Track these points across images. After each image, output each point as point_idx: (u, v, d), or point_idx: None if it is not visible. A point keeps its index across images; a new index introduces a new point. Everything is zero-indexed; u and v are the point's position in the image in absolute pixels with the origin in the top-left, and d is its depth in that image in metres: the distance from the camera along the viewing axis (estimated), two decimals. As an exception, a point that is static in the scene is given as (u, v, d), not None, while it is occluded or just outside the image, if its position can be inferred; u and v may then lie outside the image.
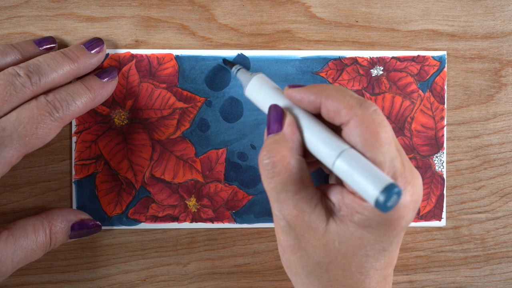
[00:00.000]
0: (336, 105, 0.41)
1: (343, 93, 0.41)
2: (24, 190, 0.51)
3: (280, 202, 0.41)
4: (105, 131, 0.50)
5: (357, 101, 0.41)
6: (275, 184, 0.41)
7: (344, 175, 0.39)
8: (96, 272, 0.51)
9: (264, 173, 0.41)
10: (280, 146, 0.41)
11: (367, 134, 0.40)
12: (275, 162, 0.41)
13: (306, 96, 0.42)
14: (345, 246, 0.41)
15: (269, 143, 0.42)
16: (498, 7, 0.52)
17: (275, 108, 0.43)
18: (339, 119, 0.41)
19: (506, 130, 0.52)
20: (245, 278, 0.52)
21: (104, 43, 0.49)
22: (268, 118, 0.43)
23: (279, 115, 0.43)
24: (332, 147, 0.40)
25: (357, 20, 0.51)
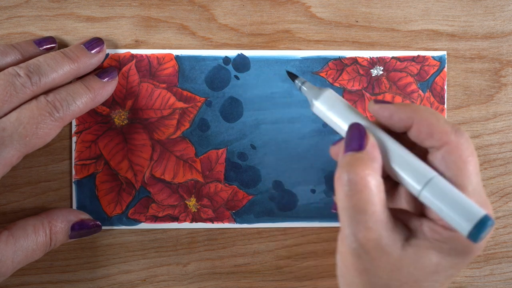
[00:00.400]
0: (431, 128, 0.40)
1: (437, 117, 0.41)
2: (24, 190, 0.51)
3: (356, 223, 0.39)
4: (105, 131, 0.50)
5: (452, 127, 0.40)
6: (355, 203, 0.39)
7: (432, 204, 0.38)
8: (96, 272, 0.51)
9: (343, 190, 0.40)
10: (363, 164, 0.40)
11: (460, 162, 0.39)
12: (357, 180, 0.39)
13: (397, 114, 0.42)
14: (419, 271, 0.40)
15: (350, 160, 0.40)
16: (498, 7, 0.52)
17: (357, 126, 0.42)
18: (430, 142, 0.40)
19: (506, 130, 0.52)
20: (245, 278, 0.52)
21: (104, 43, 0.49)
22: (347, 135, 0.42)
23: (362, 133, 0.41)
24: (419, 174, 0.39)
25: (357, 20, 0.51)
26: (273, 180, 0.51)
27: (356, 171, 0.39)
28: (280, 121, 0.51)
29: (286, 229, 0.52)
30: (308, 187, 0.51)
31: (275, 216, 0.51)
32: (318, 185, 0.51)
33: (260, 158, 0.51)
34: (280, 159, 0.51)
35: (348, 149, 0.41)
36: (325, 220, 0.52)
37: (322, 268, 0.52)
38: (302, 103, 0.51)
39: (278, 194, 0.51)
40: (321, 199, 0.51)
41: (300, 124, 0.51)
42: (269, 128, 0.51)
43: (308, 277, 0.52)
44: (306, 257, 0.52)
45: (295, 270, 0.52)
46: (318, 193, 0.51)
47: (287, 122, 0.51)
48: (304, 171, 0.51)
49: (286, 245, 0.52)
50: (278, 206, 0.51)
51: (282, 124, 0.51)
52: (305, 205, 0.51)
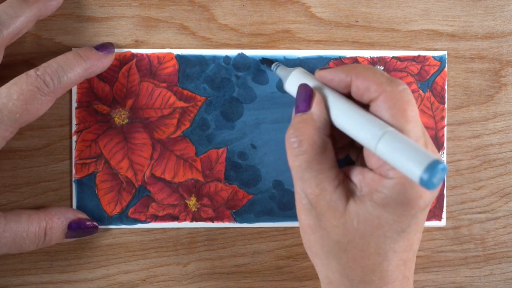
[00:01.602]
0: (366, 82, 0.42)
1: (373, 71, 0.42)
2: (24, 190, 0.50)
3: (304, 180, 0.42)
4: (106, 130, 0.50)
5: (387, 78, 0.41)
6: (300, 162, 0.42)
7: (387, 155, 0.38)
8: (96, 272, 0.51)
9: (290, 150, 0.42)
10: (308, 125, 0.42)
11: (394, 110, 0.40)
12: (301, 140, 0.42)
13: (336, 75, 0.43)
14: (363, 226, 0.41)
15: (297, 121, 0.43)
16: (498, 7, 0.52)
17: (304, 87, 0.44)
18: (368, 96, 0.42)
19: (506, 130, 0.52)
20: (245, 278, 0.52)
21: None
22: (297, 96, 0.44)
23: (308, 94, 0.43)
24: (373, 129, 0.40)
25: (357, 20, 0.51)
26: (273, 179, 0.51)
27: (301, 131, 0.42)
28: (280, 121, 0.51)
29: (286, 229, 0.52)
30: (308, 187, 0.51)
31: (275, 215, 0.51)
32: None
33: (260, 158, 0.51)
34: (280, 158, 0.51)
35: (297, 111, 0.43)
36: (325, 220, 0.52)
37: (322, 268, 0.52)
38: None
39: (278, 194, 0.51)
40: (321, 199, 0.51)
41: (300, 123, 0.51)
42: (269, 128, 0.51)
43: (308, 277, 0.52)
44: (306, 257, 0.52)
45: (295, 270, 0.52)
46: (318, 193, 0.51)
47: (287, 122, 0.51)
48: (304, 170, 0.51)
49: (286, 245, 0.52)
50: (278, 205, 0.51)
51: (282, 124, 0.51)
52: (305, 204, 0.51)
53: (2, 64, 0.48)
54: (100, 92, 0.50)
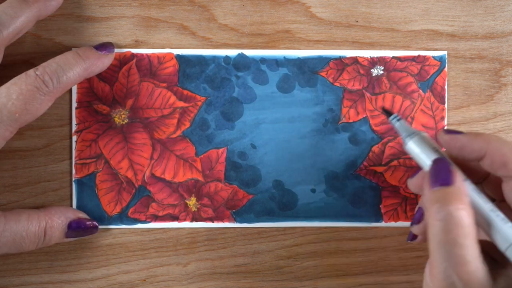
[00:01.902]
0: (504, 159, 0.41)
1: (510, 147, 0.41)
2: (24, 190, 0.50)
3: (455, 257, 0.39)
4: (106, 130, 0.50)
5: None
6: (452, 237, 0.39)
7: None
8: (96, 272, 0.51)
9: (439, 225, 0.39)
10: (457, 199, 0.40)
11: None
12: (452, 214, 0.39)
13: (469, 146, 0.42)
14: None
15: (442, 195, 0.40)
16: (498, 7, 0.52)
17: (443, 161, 0.42)
18: (504, 172, 0.41)
19: (506, 130, 0.52)
20: (245, 278, 0.52)
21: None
22: (433, 169, 0.42)
23: (449, 168, 0.41)
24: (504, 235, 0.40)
25: (357, 20, 0.51)
26: (273, 179, 0.51)
27: (452, 206, 0.39)
28: (280, 121, 0.51)
29: (286, 229, 0.52)
30: (308, 187, 0.51)
31: (275, 215, 0.51)
32: (318, 184, 0.51)
33: (260, 158, 0.51)
34: (280, 158, 0.51)
35: (436, 184, 0.41)
36: (325, 220, 0.52)
37: (322, 268, 0.52)
38: (302, 103, 0.51)
39: (278, 194, 0.51)
40: (321, 199, 0.51)
41: (300, 123, 0.51)
42: (269, 128, 0.51)
43: (308, 277, 0.52)
44: (306, 257, 0.52)
45: (295, 270, 0.52)
46: (318, 193, 0.51)
47: (287, 122, 0.51)
48: (305, 170, 0.51)
49: (286, 245, 0.52)
50: (278, 205, 0.51)
51: (282, 124, 0.51)
52: (305, 204, 0.51)
53: (2, 64, 0.48)
54: (100, 92, 0.50)
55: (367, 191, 0.52)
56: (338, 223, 0.52)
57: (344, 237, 0.52)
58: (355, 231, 0.52)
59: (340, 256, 0.52)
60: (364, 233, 0.52)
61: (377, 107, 0.51)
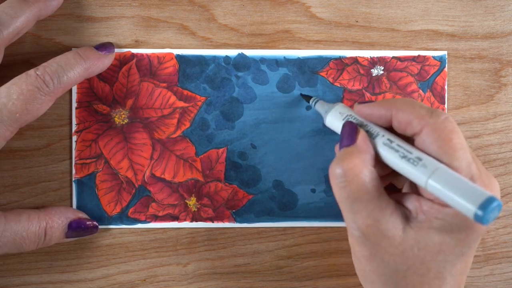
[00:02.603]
0: (407, 116, 0.42)
1: (413, 104, 0.42)
2: (24, 190, 0.50)
3: (354, 212, 0.41)
4: (106, 130, 0.50)
5: (427, 111, 0.41)
6: (348, 193, 0.41)
7: (439, 192, 0.39)
8: (96, 272, 0.51)
9: (336, 182, 0.41)
10: (353, 156, 0.41)
11: (440, 141, 0.40)
12: (347, 171, 0.41)
13: (376, 110, 0.43)
14: (424, 252, 0.41)
15: (342, 154, 0.42)
16: (498, 7, 0.52)
17: (349, 124, 0.44)
18: (411, 129, 0.42)
19: (506, 130, 0.52)
20: (245, 278, 0.52)
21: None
22: (341, 133, 0.44)
23: (353, 130, 0.43)
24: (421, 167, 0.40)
25: (357, 20, 0.51)
26: (273, 179, 0.51)
27: (346, 163, 0.41)
28: (280, 121, 0.51)
29: (286, 229, 0.52)
30: (308, 187, 0.51)
31: (275, 215, 0.51)
32: (318, 184, 0.51)
33: (260, 158, 0.51)
34: (280, 158, 0.51)
35: (341, 146, 0.43)
36: (325, 220, 0.52)
37: (322, 268, 0.52)
38: (302, 103, 0.51)
39: (278, 194, 0.51)
40: (321, 199, 0.51)
41: (300, 123, 0.51)
42: (269, 128, 0.51)
43: (308, 277, 0.52)
44: (306, 257, 0.52)
45: (295, 270, 0.52)
46: (318, 193, 0.51)
47: (287, 122, 0.51)
48: (304, 170, 0.51)
49: (286, 245, 0.52)
50: (278, 205, 0.51)
51: (282, 124, 0.51)
52: (305, 204, 0.51)
53: (2, 64, 0.48)
54: (100, 92, 0.50)
55: (367, 191, 0.52)
56: (338, 223, 0.52)
57: (344, 237, 0.52)
58: (355, 231, 0.52)
59: (340, 256, 0.52)
60: (364, 233, 0.52)
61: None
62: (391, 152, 0.42)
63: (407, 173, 0.41)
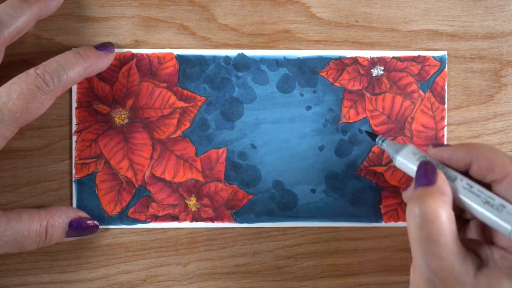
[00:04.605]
0: (490, 163, 0.42)
1: (495, 151, 0.43)
2: (24, 190, 0.51)
3: (429, 253, 0.41)
4: (106, 130, 0.50)
5: (511, 159, 0.42)
6: (426, 234, 0.41)
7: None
8: (96, 272, 0.51)
9: (415, 221, 0.41)
10: (434, 197, 0.41)
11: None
12: (427, 211, 0.41)
13: (455, 154, 0.44)
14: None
15: (420, 193, 0.42)
16: (498, 7, 0.52)
17: (428, 163, 0.44)
18: (491, 176, 0.42)
19: (506, 130, 0.52)
20: (245, 278, 0.52)
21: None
22: (417, 172, 0.44)
23: (432, 169, 0.43)
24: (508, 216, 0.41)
25: (357, 20, 0.51)
26: (273, 179, 0.51)
27: (427, 203, 0.41)
28: (280, 121, 0.51)
29: (286, 229, 0.52)
30: (308, 187, 0.51)
31: (275, 215, 0.51)
32: (318, 184, 0.51)
33: (261, 158, 0.51)
34: (280, 158, 0.51)
35: (418, 185, 0.43)
36: (325, 220, 0.52)
37: (322, 268, 0.52)
38: (302, 103, 0.51)
39: (278, 194, 0.51)
40: (321, 199, 0.51)
41: (300, 123, 0.51)
42: (270, 128, 0.51)
43: (308, 277, 0.52)
44: (306, 257, 0.52)
45: (295, 270, 0.52)
46: (318, 193, 0.51)
47: (287, 122, 0.51)
48: (304, 170, 0.51)
49: (286, 245, 0.52)
50: (278, 205, 0.51)
51: (282, 124, 0.51)
52: (305, 204, 0.51)
53: (2, 64, 0.48)
54: (100, 92, 0.50)
55: (367, 191, 0.52)
56: (338, 223, 0.52)
57: (344, 237, 0.52)
58: (355, 231, 0.52)
59: (340, 256, 0.52)
60: (364, 233, 0.52)
61: (377, 108, 0.51)
62: (472, 197, 0.42)
63: (489, 220, 0.41)
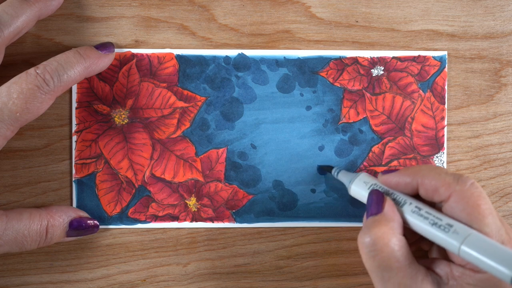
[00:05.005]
0: (434, 184, 0.42)
1: (438, 172, 0.43)
2: (24, 190, 0.51)
3: (385, 281, 0.41)
4: (106, 130, 0.50)
5: (454, 178, 0.42)
6: (378, 262, 0.41)
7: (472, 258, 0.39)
8: (96, 272, 0.51)
9: (365, 251, 0.42)
10: (381, 225, 0.42)
11: (469, 208, 0.41)
12: (376, 240, 0.41)
13: (402, 179, 0.44)
14: None
15: (369, 223, 0.43)
16: (498, 7, 0.52)
17: (375, 192, 0.45)
18: (438, 197, 0.42)
19: (506, 130, 0.52)
20: (245, 278, 0.52)
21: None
22: (367, 202, 0.45)
23: (379, 198, 0.44)
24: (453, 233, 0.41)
25: (357, 20, 0.51)
26: (273, 179, 0.51)
27: (374, 232, 0.42)
28: (280, 121, 0.51)
29: (286, 229, 0.52)
30: (308, 187, 0.51)
31: (275, 215, 0.51)
32: (318, 184, 0.51)
33: (261, 158, 0.51)
34: (280, 158, 0.51)
35: (368, 215, 0.44)
36: (325, 220, 0.52)
37: (322, 268, 0.52)
38: (302, 103, 0.51)
39: (278, 194, 0.51)
40: (321, 199, 0.51)
41: (300, 123, 0.51)
42: (269, 128, 0.51)
43: (308, 277, 0.52)
44: (306, 257, 0.52)
45: (295, 270, 0.52)
46: (318, 193, 0.51)
47: (287, 122, 0.51)
48: (304, 170, 0.51)
49: (286, 245, 0.52)
50: (278, 205, 0.51)
51: (282, 124, 0.51)
52: (305, 205, 0.51)
53: (2, 64, 0.48)
54: (100, 92, 0.50)
55: (367, 191, 0.52)
56: (338, 223, 0.52)
57: (344, 237, 0.52)
58: (355, 231, 0.52)
59: (340, 256, 0.52)
60: (364, 233, 0.52)
61: (377, 108, 0.51)
62: (420, 219, 0.43)
63: (439, 240, 0.41)
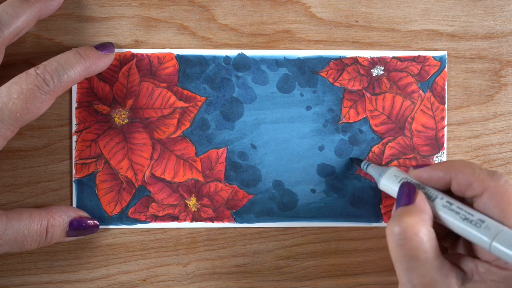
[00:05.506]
0: (468, 179, 0.43)
1: (472, 167, 0.43)
2: (24, 190, 0.50)
3: (410, 270, 0.41)
4: (106, 130, 0.50)
5: (488, 173, 0.42)
6: (406, 251, 0.41)
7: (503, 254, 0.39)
8: (96, 272, 0.51)
9: (394, 240, 0.42)
10: (412, 215, 0.42)
11: (502, 204, 0.41)
12: (406, 229, 0.41)
13: (435, 174, 0.44)
14: None
15: (399, 213, 0.43)
16: (498, 7, 0.52)
17: (407, 184, 0.45)
18: (471, 192, 0.43)
19: (506, 130, 0.52)
20: (245, 278, 0.52)
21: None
22: (398, 193, 0.45)
23: (411, 190, 0.44)
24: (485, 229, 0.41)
25: (357, 20, 0.51)
26: (273, 179, 0.51)
27: (405, 221, 0.42)
28: (280, 121, 0.51)
29: (286, 229, 0.52)
30: (308, 187, 0.51)
31: (275, 215, 0.51)
32: (318, 185, 0.51)
33: (260, 158, 0.51)
34: (280, 158, 0.51)
35: (399, 205, 0.44)
36: (325, 220, 0.52)
37: (322, 268, 0.52)
38: (302, 103, 0.51)
39: (278, 194, 0.51)
40: (321, 199, 0.51)
41: (300, 123, 0.51)
42: (269, 128, 0.51)
43: (308, 277, 0.52)
44: (306, 257, 0.52)
45: (295, 270, 0.52)
46: (318, 193, 0.51)
47: (287, 122, 0.51)
48: (304, 170, 0.51)
49: (286, 245, 0.52)
50: (278, 205, 0.51)
51: (282, 124, 0.51)
52: (305, 205, 0.51)
53: (2, 64, 0.48)
54: (100, 92, 0.50)
55: (367, 191, 0.52)
56: (338, 223, 0.52)
57: (344, 237, 0.52)
58: (355, 231, 0.52)
59: (340, 256, 0.52)
60: (364, 233, 0.52)
61: (377, 108, 0.51)
62: (451, 214, 0.43)
63: (469, 235, 0.42)
